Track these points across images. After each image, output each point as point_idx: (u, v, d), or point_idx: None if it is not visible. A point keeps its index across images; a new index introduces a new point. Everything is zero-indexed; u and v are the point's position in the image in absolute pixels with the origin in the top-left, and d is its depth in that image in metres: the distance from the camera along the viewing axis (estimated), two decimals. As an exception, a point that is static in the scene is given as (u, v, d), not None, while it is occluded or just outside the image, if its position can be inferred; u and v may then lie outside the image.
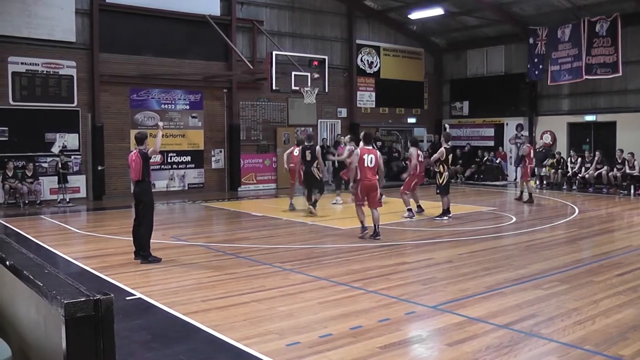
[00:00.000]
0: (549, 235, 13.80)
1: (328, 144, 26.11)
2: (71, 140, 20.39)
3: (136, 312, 7.62)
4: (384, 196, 14.41)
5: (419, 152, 16.73)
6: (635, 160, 22.19)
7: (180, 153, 22.64)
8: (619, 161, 22.58)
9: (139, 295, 8.30)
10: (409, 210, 16.07)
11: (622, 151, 22.67)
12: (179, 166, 22.66)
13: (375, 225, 12.79)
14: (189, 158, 22.83)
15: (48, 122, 19.94)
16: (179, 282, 9.11)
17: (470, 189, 22.59)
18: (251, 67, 22.68)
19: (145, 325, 7.13)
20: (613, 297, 8.26)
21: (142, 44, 21.77)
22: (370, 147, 13.07)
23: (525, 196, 19.42)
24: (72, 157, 20.31)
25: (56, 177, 19.68)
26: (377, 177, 12.72)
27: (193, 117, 23.02)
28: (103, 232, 14.04)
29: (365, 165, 12.54)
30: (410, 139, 19.37)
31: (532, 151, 20.47)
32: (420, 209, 16.66)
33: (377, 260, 10.76)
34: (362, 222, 12.96)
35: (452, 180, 24.02)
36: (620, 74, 23.03)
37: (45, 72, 19.86)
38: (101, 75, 20.71)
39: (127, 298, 8.16)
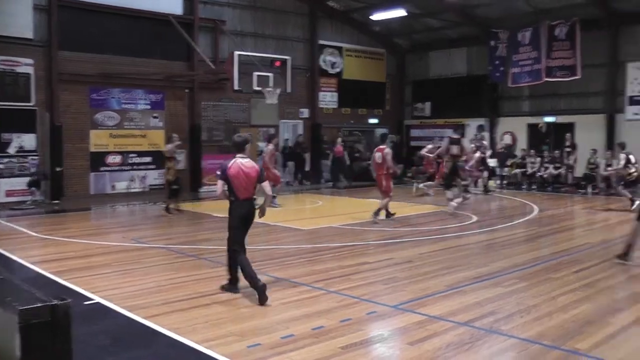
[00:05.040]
0: (509, 233, 13.95)
1: (290, 144, 26.16)
2: (28, 140, 19.99)
3: (95, 317, 7.49)
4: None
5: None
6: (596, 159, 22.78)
7: (141, 154, 22.41)
8: (571, 163, 23.28)
9: (97, 299, 8.17)
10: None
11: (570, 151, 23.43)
12: (140, 167, 22.43)
13: None
14: (150, 159, 22.60)
15: (4, 122, 19.49)
16: (139, 285, 9.02)
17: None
18: (213, 67, 22.57)
19: (105, 330, 7.02)
20: (570, 293, 8.46)
21: (103, 42, 21.46)
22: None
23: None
24: (29, 157, 19.95)
25: (12, 179, 19.41)
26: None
27: (154, 117, 22.84)
28: (61, 234, 13.80)
29: None
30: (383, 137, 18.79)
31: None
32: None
33: (339, 260, 10.78)
34: None
35: (414, 181, 24.30)
36: (579, 76, 23.59)
37: (0, 70, 19.48)
38: (60, 73, 20.38)
39: (86, 303, 8.02)
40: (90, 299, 8.19)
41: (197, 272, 9.87)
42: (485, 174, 23.34)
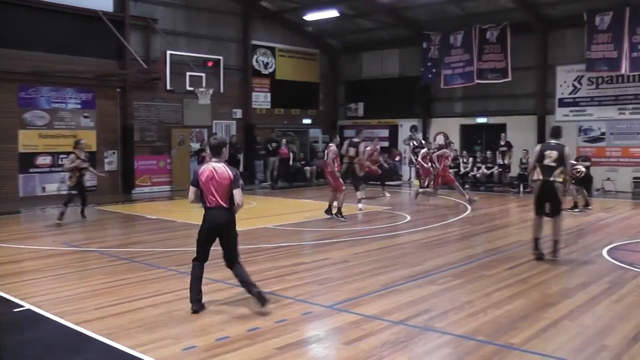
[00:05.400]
0: (442, 232, 14.15)
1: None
2: (-49, 141, 19.32)
3: (25, 325, 7.27)
4: None
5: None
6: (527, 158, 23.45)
7: (71, 154, 21.86)
8: (506, 162, 23.89)
9: (28, 306, 7.93)
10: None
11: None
12: (71, 168, 21.94)
13: None
14: (80, 160, 22.13)
15: None
16: (71, 290, 8.80)
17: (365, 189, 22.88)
18: (145, 66, 22.29)
19: (36, 338, 6.81)
20: (504, 289, 8.68)
21: (32, 39, 20.78)
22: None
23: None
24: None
25: None
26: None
27: (85, 117, 22.37)
28: (-12, 239, 13.41)
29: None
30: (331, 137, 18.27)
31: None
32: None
33: (274, 261, 10.77)
34: None
35: (347, 181, 24.43)
36: (510, 79, 24.29)
37: None
38: (-14, 71, 19.79)
39: (15, 310, 7.79)
40: (20, 306, 7.95)
41: (130, 275, 9.71)
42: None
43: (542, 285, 9.02)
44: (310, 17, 26.21)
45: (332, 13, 25.19)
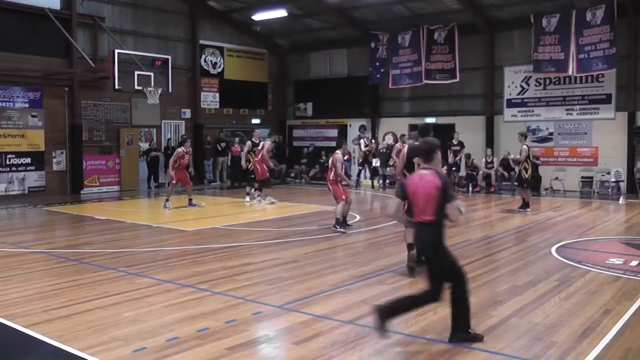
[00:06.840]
0: (392, 232, 14.21)
1: (172, 145, 25.82)
2: None
3: (-29, 328, 7.22)
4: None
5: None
6: (472, 160, 23.77)
7: (19, 154, 21.56)
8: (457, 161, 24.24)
9: (-26, 309, 7.86)
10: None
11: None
12: (19, 168, 21.59)
13: None
14: (29, 160, 21.81)
15: None
16: (18, 292, 8.70)
17: (314, 189, 22.92)
18: (93, 65, 22.04)
19: (-17, 341, 6.77)
20: (453, 287, 8.77)
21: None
22: None
23: None
24: None
25: None
26: None
27: (33, 116, 22.02)
28: None
29: None
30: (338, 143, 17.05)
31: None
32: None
33: (223, 261, 10.79)
34: None
35: (297, 180, 24.46)
36: (458, 79, 24.60)
37: None
38: None
39: (-39, 313, 7.71)
40: (-34, 309, 7.87)
41: (79, 277, 9.64)
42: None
43: (491, 283, 9.19)
44: (259, 16, 26.18)
45: (281, 13, 25.19)
